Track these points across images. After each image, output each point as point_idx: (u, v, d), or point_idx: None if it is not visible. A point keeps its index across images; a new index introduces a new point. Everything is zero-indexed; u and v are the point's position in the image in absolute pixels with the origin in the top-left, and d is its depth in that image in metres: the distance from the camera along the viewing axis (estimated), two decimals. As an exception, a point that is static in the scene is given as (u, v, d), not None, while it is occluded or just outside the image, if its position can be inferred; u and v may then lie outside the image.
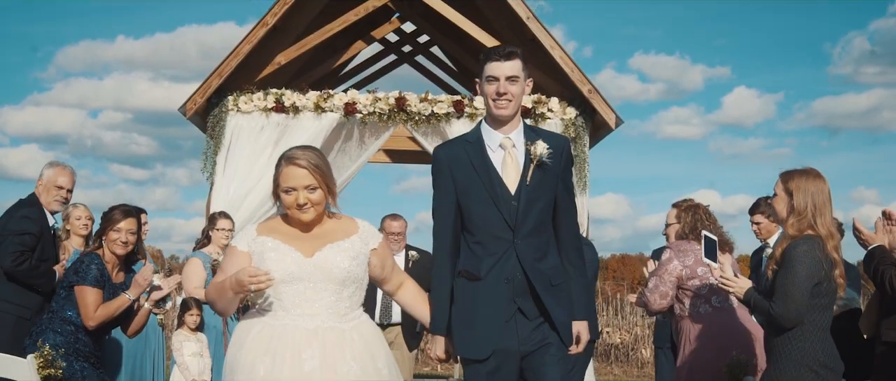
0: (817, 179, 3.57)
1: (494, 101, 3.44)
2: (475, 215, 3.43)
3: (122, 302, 4.55)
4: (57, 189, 5.53)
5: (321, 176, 3.28)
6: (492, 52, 3.50)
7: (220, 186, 7.88)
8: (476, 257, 3.42)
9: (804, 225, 3.51)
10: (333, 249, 3.31)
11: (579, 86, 7.84)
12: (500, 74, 3.42)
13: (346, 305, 3.32)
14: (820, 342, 3.43)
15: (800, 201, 3.52)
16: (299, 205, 3.27)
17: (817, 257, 3.43)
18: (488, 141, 3.49)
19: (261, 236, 3.32)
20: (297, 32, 8.17)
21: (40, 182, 5.56)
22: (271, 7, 7.73)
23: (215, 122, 7.93)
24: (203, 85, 7.83)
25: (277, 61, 8.15)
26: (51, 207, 5.50)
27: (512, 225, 3.39)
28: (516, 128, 3.51)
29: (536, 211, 3.42)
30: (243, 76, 7.96)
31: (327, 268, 3.27)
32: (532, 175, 3.41)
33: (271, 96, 7.87)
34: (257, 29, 7.74)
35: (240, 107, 7.89)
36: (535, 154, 3.40)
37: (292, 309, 3.24)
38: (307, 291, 3.25)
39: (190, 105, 7.87)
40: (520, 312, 3.39)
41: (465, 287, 3.44)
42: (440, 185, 3.50)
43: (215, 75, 7.81)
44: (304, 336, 3.19)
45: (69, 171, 5.64)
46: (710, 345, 4.40)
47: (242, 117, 7.91)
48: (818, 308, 3.44)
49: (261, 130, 7.92)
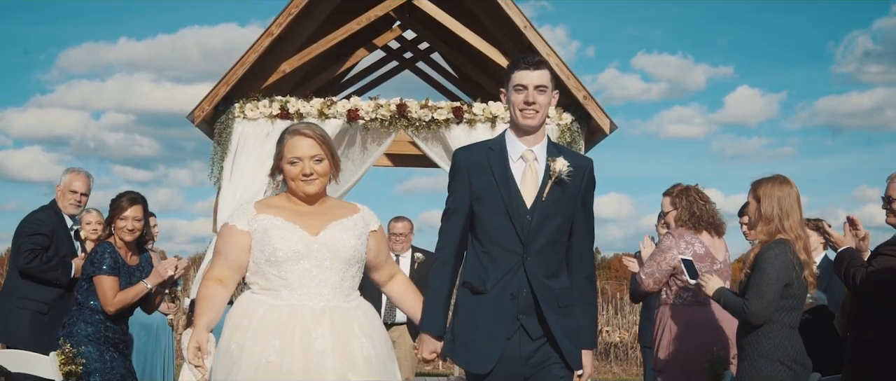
0: (784, 184, 3.81)
1: (522, 110, 3.36)
2: (487, 224, 3.35)
3: (140, 289, 4.85)
4: (72, 193, 5.81)
5: (327, 147, 3.26)
6: (520, 61, 3.41)
7: (226, 191, 8.13)
8: (482, 268, 3.34)
9: (773, 229, 3.75)
10: (339, 226, 3.27)
11: (575, 92, 8.08)
12: (529, 83, 3.34)
13: (349, 285, 3.28)
14: (789, 339, 3.68)
15: (767, 206, 3.76)
16: (305, 175, 3.22)
17: (788, 260, 3.67)
18: (511, 151, 3.40)
19: (261, 214, 3.25)
20: (301, 41, 8.43)
21: (58, 187, 5.85)
22: (276, 17, 7.99)
23: (222, 128, 8.19)
24: (210, 93, 8.09)
25: (282, 69, 8.41)
26: (67, 210, 5.78)
27: (523, 239, 3.30)
28: (540, 141, 3.43)
29: (550, 229, 3.33)
30: (249, 84, 8.22)
31: (334, 246, 3.22)
32: (549, 191, 3.33)
33: (276, 103, 8.13)
34: (263, 39, 8.00)
35: (246, 114, 8.15)
36: (555, 170, 3.32)
37: (298, 288, 3.17)
38: (313, 269, 3.19)
39: (198, 112, 8.14)
40: (523, 329, 3.30)
41: (467, 300, 3.36)
42: (456, 187, 3.42)
43: (222, 83, 8.07)
44: (311, 316, 3.12)
45: (84, 175, 5.92)
46: (690, 338, 4.62)
47: (248, 124, 8.16)
48: (787, 308, 3.69)
49: (266, 137, 8.17)
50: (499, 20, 8.28)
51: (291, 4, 7.97)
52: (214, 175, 8.23)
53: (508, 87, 3.41)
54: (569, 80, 8.09)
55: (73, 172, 5.92)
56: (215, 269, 3.29)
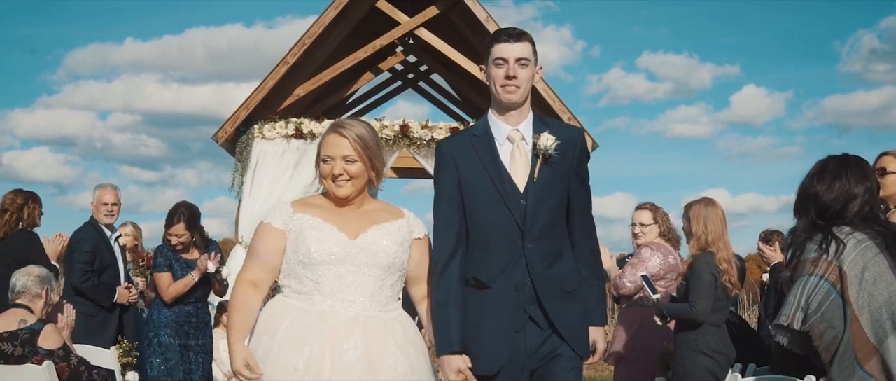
0: (709, 206, 4.65)
1: (503, 86, 3.12)
2: (482, 217, 3.12)
3: (188, 281, 5.96)
4: (103, 205, 6.67)
5: (363, 149, 3.03)
6: (500, 33, 3.18)
7: (246, 204, 9.04)
8: (482, 263, 3.12)
9: (702, 244, 4.60)
10: (380, 230, 3.07)
11: (560, 114, 8.96)
12: (509, 55, 3.11)
13: (388, 294, 3.08)
14: (713, 335, 4.53)
15: (695, 226, 4.61)
16: (334, 176, 3.03)
17: (711, 269, 4.53)
18: (496, 134, 3.17)
19: (298, 212, 3.07)
20: (313, 68, 9.33)
21: (92, 204, 6.73)
22: (292, 48, 8.89)
23: (243, 147, 9.10)
24: (232, 116, 9.00)
25: (297, 93, 9.31)
26: (103, 221, 6.63)
27: (521, 226, 3.08)
28: (525, 119, 3.19)
29: (547, 210, 3.12)
30: (267, 107, 9.12)
31: (373, 251, 3.03)
32: (540, 171, 3.12)
33: (292, 125, 9.03)
34: (279, 67, 8.91)
35: (264, 134, 9.05)
36: (541, 148, 3.11)
37: (332, 294, 2.99)
38: (348, 275, 3.00)
39: (221, 133, 9.04)
40: (531, 321, 3.10)
41: (471, 297, 3.13)
42: (442, 181, 3.18)
43: (243, 107, 8.98)
44: (343, 325, 2.95)
45: (111, 188, 6.79)
46: (649, 333, 5.42)
47: (266, 143, 9.07)
48: (713, 310, 4.55)
49: (282, 155, 9.08)
50: (492, 49, 9.16)
51: (305, 36, 8.88)
52: (236, 189, 9.14)
53: (488, 62, 3.17)
54: (555, 103, 8.98)
55: (101, 187, 6.81)
56: (248, 270, 3.12)
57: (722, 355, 4.54)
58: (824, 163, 3.06)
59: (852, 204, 2.94)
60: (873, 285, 2.81)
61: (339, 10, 8.84)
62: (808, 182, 3.04)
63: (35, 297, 4.59)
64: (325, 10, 8.85)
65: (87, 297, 6.20)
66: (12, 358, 4.27)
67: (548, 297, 3.09)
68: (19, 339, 4.31)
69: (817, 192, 2.99)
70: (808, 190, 3.02)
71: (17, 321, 4.40)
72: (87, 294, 6.21)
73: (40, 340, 4.33)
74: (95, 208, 6.57)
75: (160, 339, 6.07)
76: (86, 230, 6.46)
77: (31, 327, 4.37)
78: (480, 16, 8.89)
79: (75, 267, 6.27)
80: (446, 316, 3.10)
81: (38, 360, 4.27)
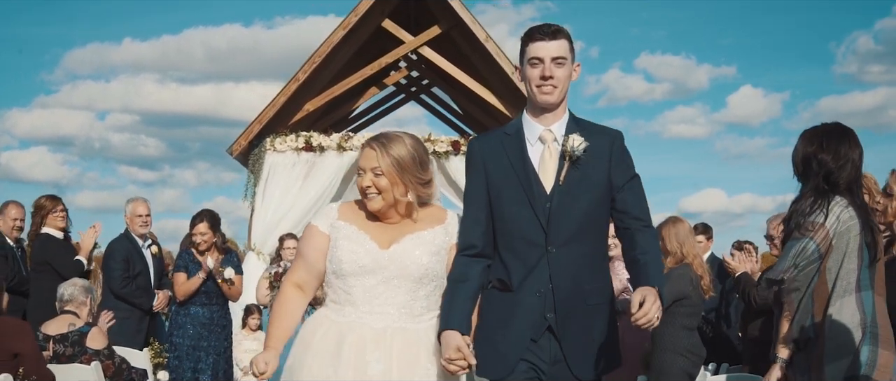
0: (677, 223, 5.19)
1: (538, 87, 3.00)
2: (508, 216, 3.01)
3: (196, 280, 6.51)
4: (138, 217, 7.20)
5: (393, 165, 2.96)
6: (535, 31, 3.03)
7: (259, 213, 9.58)
8: (506, 266, 3.01)
9: (678, 257, 5.12)
10: (413, 240, 3.01)
11: None
12: (546, 54, 2.99)
13: (422, 305, 3.02)
14: (686, 337, 5.05)
15: (668, 244, 5.14)
16: (363, 187, 2.99)
17: (687, 279, 5.05)
18: (528, 134, 3.07)
19: (340, 220, 3.06)
20: (322, 84, 9.87)
21: (126, 216, 7.26)
22: (302, 66, 9.43)
23: (255, 160, 9.64)
24: (246, 130, 9.54)
25: (306, 108, 9.85)
26: (138, 232, 7.16)
27: (546, 229, 2.96)
28: (559, 119, 3.06)
29: (575, 215, 2.98)
30: (279, 121, 9.66)
31: (404, 263, 2.97)
32: (567, 174, 2.99)
33: (302, 138, 9.57)
34: (290, 84, 9.45)
35: (276, 147, 9.59)
36: (567, 149, 2.98)
37: (361, 305, 2.97)
38: (379, 286, 2.97)
39: (235, 147, 9.59)
40: (550, 331, 2.97)
41: (493, 299, 3.05)
42: (472, 179, 3.11)
43: (256, 122, 9.52)
44: (371, 336, 2.93)
45: (142, 201, 7.32)
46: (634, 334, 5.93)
47: (278, 156, 9.60)
48: (686, 314, 5.07)
49: (293, 167, 9.62)
50: (490, 65, 9.70)
51: (315, 54, 9.42)
52: (249, 199, 9.68)
53: (523, 61, 3.05)
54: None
55: (134, 201, 7.35)
56: (294, 271, 3.15)
57: (695, 355, 5.06)
58: (824, 130, 3.48)
59: (847, 168, 3.40)
60: (847, 259, 3.33)
61: (346, 30, 9.37)
62: (814, 149, 3.42)
63: (81, 304, 5.14)
64: (333, 30, 9.39)
65: (127, 301, 6.73)
66: (64, 358, 4.81)
67: (565, 307, 2.95)
68: (69, 340, 4.86)
69: (823, 158, 3.39)
70: (815, 154, 3.41)
71: (67, 324, 4.95)
72: (126, 299, 6.75)
73: (88, 340, 4.88)
74: (130, 220, 7.11)
75: (173, 339, 6.61)
76: (119, 241, 6.99)
77: (80, 329, 4.93)
78: (480, 36, 9.43)
79: (113, 275, 6.80)
80: (455, 296, 2.97)
81: (86, 359, 4.81)
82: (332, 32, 9.37)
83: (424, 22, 10.14)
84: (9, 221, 6.99)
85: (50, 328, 4.95)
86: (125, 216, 7.33)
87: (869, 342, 3.24)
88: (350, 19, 9.30)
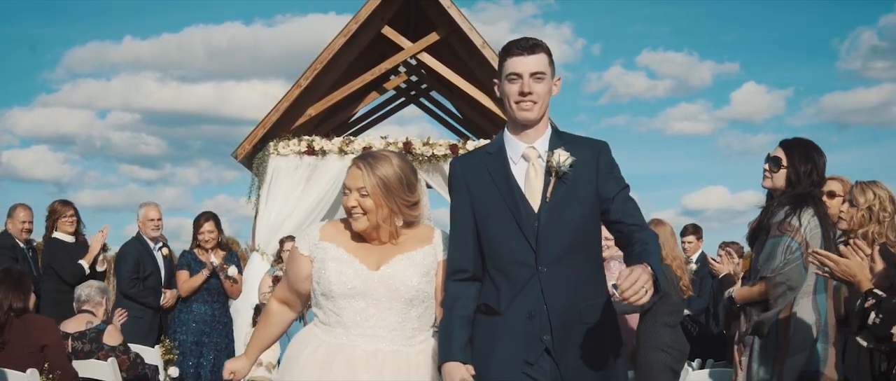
0: (659, 225, 5.48)
1: (517, 103, 2.93)
2: (495, 238, 2.94)
3: (199, 278, 6.98)
4: (150, 221, 7.51)
5: (379, 186, 2.91)
6: (513, 46, 2.95)
7: (263, 215, 9.87)
8: (495, 287, 2.94)
9: None
10: (402, 262, 2.96)
11: None
12: (524, 70, 2.90)
13: (414, 326, 2.97)
14: (668, 334, 5.35)
15: None
16: (348, 207, 2.95)
17: (668, 279, 5.34)
18: (511, 152, 3.00)
19: (323, 241, 3.00)
20: (324, 89, 10.15)
21: (138, 220, 7.56)
22: (304, 72, 9.72)
23: (259, 163, 9.94)
24: (250, 135, 9.83)
25: (308, 113, 10.14)
26: (150, 234, 7.47)
27: (535, 249, 2.89)
28: (542, 135, 2.99)
29: (564, 231, 2.91)
30: (282, 126, 9.95)
31: (394, 285, 2.92)
32: (553, 190, 2.92)
33: (304, 142, 9.85)
34: (293, 90, 9.74)
35: (279, 151, 9.87)
36: (553, 165, 2.92)
37: (352, 328, 2.92)
38: (369, 308, 2.92)
39: (240, 151, 9.89)
40: (548, 353, 2.88)
41: (482, 324, 2.95)
42: (456, 201, 3.05)
43: (260, 126, 9.81)
44: (361, 359, 2.88)
45: (154, 205, 7.63)
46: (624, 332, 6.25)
47: (281, 159, 9.89)
48: (667, 312, 5.36)
49: (295, 170, 9.90)
50: (486, 71, 9.99)
51: (316, 61, 9.71)
52: (252, 201, 9.98)
53: (501, 77, 2.97)
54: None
55: (146, 205, 7.65)
56: (280, 289, 3.20)
57: (678, 351, 5.36)
58: (799, 144, 3.87)
59: (815, 176, 3.81)
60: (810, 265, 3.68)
61: (347, 37, 9.65)
62: (798, 162, 3.83)
63: (97, 304, 5.45)
64: (335, 37, 9.68)
65: (136, 300, 7.04)
66: (82, 354, 5.11)
67: (561, 327, 2.86)
68: (87, 337, 5.16)
69: (800, 171, 3.80)
70: (797, 169, 3.81)
71: (85, 323, 5.25)
72: (135, 298, 7.05)
73: (105, 337, 5.18)
74: (142, 224, 7.42)
75: (176, 336, 6.95)
76: (130, 245, 7.31)
77: (97, 327, 5.23)
78: (477, 42, 9.71)
79: (123, 277, 7.14)
80: (450, 324, 2.92)
81: (103, 355, 5.11)
82: (334, 39, 9.66)
83: (423, 28, 10.42)
84: (17, 223, 7.30)
85: (69, 326, 5.25)
86: (137, 220, 7.64)
87: (822, 340, 3.55)
88: (351, 26, 9.59)
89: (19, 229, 7.33)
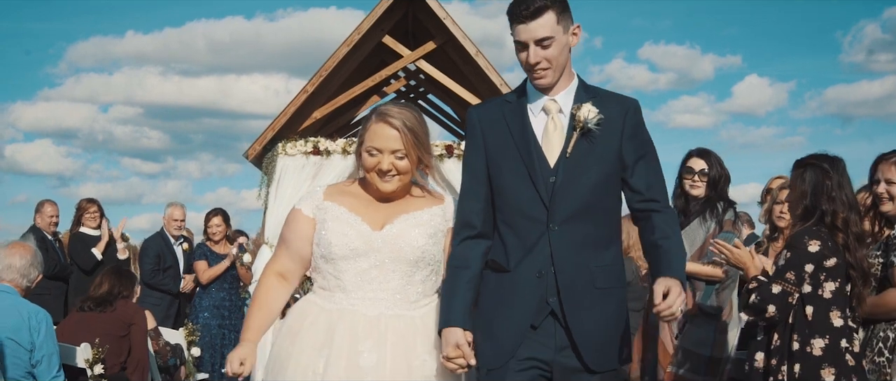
0: (628, 221, 6.20)
1: (529, 71, 2.80)
2: (507, 190, 2.81)
3: (221, 267, 7.93)
4: (174, 220, 8.30)
5: (413, 142, 2.77)
6: (514, 11, 2.74)
7: (271, 211, 10.59)
8: (504, 243, 2.81)
9: (624, 250, 6.15)
10: (408, 221, 2.84)
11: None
12: (528, 38, 2.74)
13: (418, 290, 2.85)
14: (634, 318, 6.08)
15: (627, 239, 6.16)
16: (381, 171, 2.79)
17: (631, 271, 6.08)
18: (531, 103, 2.86)
19: (327, 201, 2.88)
20: (328, 94, 10.89)
21: (163, 217, 8.37)
22: (310, 78, 10.47)
23: (269, 163, 10.69)
24: (260, 136, 10.58)
25: (314, 116, 10.88)
26: (173, 232, 8.27)
27: (548, 205, 2.75)
28: (566, 87, 2.84)
29: (581, 191, 2.76)
30: (289, 128, 10.69)
31: (398, 245, 2.79)
32: (575, 145, 2.77)
33: (310, 143, 10.60)
34: (300, 95, 10.47)
35: (287, 151, 10.61)
36: (580, 119, 2.76)
37: (353, 291, 2.79)
38: (372, 270, 2.78)
39: (251, 151, 10.64)
40: (553, 316, 2.77)
41: (489, 281, 2.83)
42: (470, 149, 2.92)
43: (269, 129, 10.56)
44: (363, 324, 2.74)
45: (180, 206, 8.43)
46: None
47: (289, 159, 10.62)
48: (632, 299, 6.10)
49: (302, 169, 10.64)
50: (481, 79, 10.73)
51: (322, 68, 10.44)
52: (262, 198, 10.73)
53: (515, 42, 2.80)
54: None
55: (173, 205, 8.44)
56: (276, 259, 3.00)
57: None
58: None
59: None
60: None
61: (350, 47, 10.40)
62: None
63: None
64: (338, 47, 10.43)
65: (157, 289, 7.87)
66: (121, 335, 5.90)
67: (570, 289, 2.74)
68: (126, 321, 5.94)
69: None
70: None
71: (123, 307, 6.03)
72: (156, 286, 7.88)
73: (141, 321, 5.96)
74: (167, 221, 8.28)
75: (201, 320, 7.79)
76: (153, 239, 8.15)
77: (133, 312, 6.03)
78: (470, 50, 10.44)
79: (145, 269, 7.99)
80: (454, 286, 2.80)
81: (140, 336, 5.92)
82: (338, 49, 10.40)
83: (421, 37, 11.18)
84: (46, 217, 8.11)
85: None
86: (163, 217, 8.45)
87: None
88: (353, 37, 10.32)
89: (47, 222, 8.13)
